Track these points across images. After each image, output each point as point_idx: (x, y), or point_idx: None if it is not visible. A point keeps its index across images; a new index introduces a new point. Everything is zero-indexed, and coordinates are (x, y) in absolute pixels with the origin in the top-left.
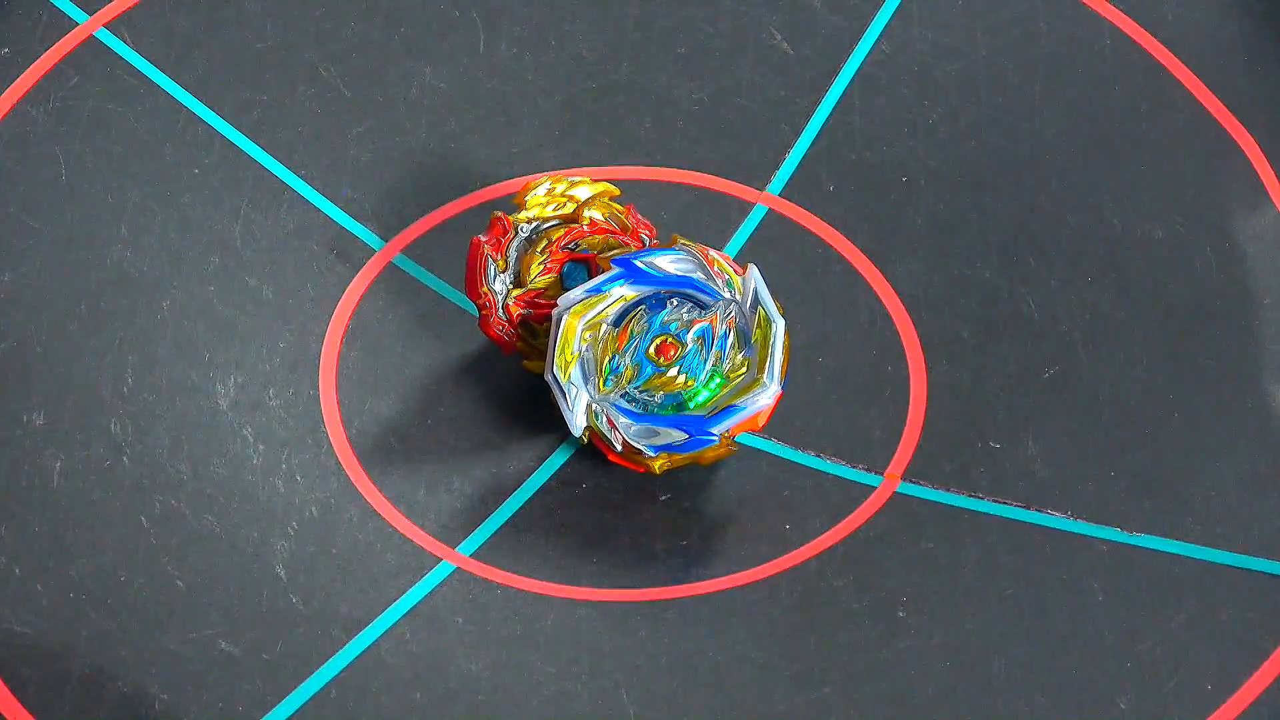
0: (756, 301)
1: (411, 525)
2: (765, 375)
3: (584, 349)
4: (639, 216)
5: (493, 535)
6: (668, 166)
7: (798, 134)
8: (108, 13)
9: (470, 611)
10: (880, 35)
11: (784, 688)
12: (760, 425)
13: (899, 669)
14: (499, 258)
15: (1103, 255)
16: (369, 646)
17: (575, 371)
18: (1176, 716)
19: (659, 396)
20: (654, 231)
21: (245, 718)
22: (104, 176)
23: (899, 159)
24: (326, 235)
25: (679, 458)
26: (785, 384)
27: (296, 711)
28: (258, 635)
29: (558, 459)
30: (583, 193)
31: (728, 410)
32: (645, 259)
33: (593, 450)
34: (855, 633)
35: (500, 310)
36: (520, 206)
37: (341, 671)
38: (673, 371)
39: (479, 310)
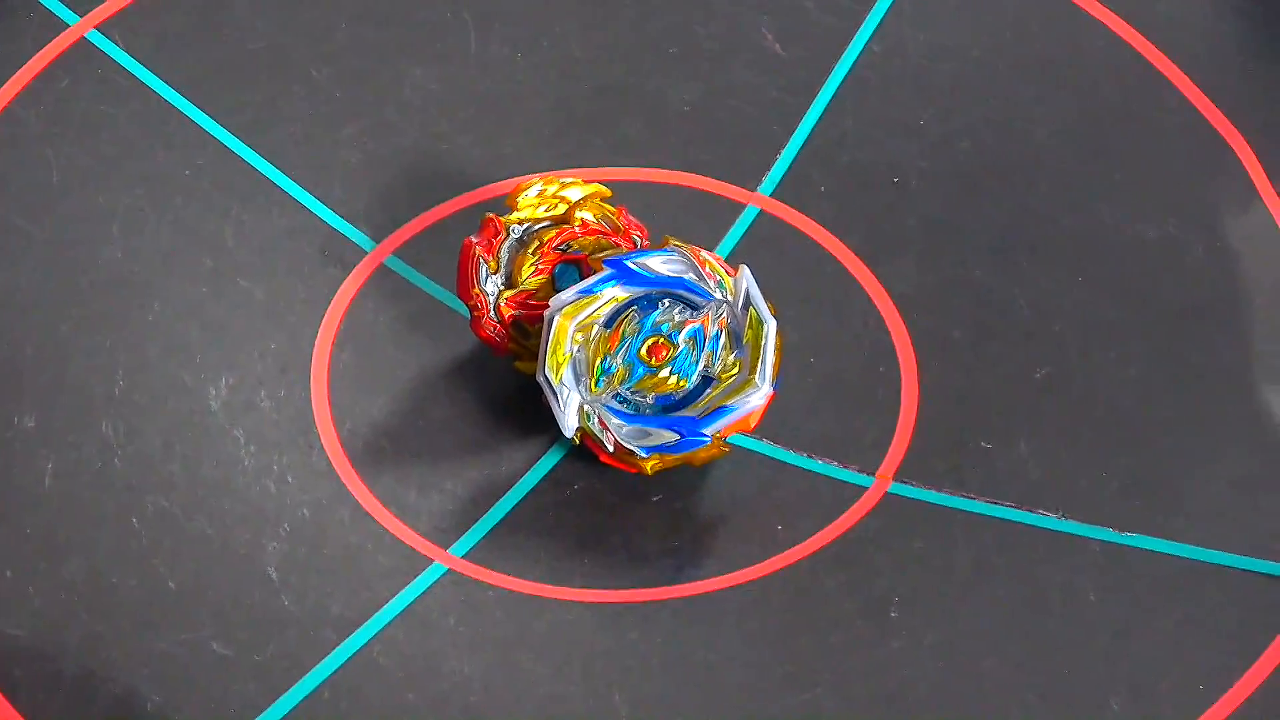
0: (748, 302)
1: (403, 526)
2: (757, 376)
3: (576, 350)
4: (631, 217)
5: (485, 536)
6: (660, 167)
7: (789, 135)
8: (99, 14)
9: (462, 613)
10: (872, 36)
11: (776, 688)
12: (752, 426)
13: (891, 669)
14: (490, 259)
15: (1095, 256)
16: (361, 648)
17: (567, 373)
18: (1169, 716)
19: (651, 397)
20: (646, 232)
21: (237, 719)
22: (95, 178)
23: (891, 159)
24: (318, 236)
25: (671, 459)
26: (777, 385)
27: (289, 713)
28: (250, 637)
29: (550, 460)
30: (574, 194)
31: (719, 411)
32: (637, 260)
33: (584, 451)
34: (847, 633)
35: (492, 311)
36: (512, 208)
37: (334, 673)
38: (665, 372)
39: (471, 311)
